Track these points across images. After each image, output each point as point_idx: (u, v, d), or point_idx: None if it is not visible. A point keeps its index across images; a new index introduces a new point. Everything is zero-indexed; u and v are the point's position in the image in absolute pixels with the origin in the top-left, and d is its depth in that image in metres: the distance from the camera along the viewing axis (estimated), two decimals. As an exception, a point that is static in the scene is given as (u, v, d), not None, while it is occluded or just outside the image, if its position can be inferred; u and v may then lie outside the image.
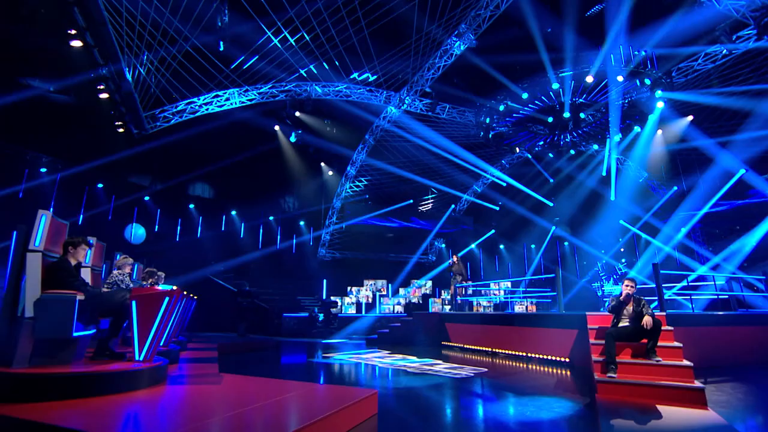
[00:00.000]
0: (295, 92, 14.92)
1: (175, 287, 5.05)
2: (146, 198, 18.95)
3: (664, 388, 5.54)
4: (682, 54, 12.58)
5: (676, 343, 6.39)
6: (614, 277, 22.00)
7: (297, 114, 15.59)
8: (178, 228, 20.21)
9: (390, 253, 25.63)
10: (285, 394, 4.38)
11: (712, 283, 12.54)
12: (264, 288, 20.26)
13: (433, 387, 6.47)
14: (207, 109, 14.35)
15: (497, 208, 24.89)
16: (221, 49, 12.01)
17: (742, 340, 8.72)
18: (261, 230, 23.29)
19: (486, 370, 7.93)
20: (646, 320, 6.10)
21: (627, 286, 6.54)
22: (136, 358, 4.58)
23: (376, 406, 4.53)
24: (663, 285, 13.88)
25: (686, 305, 12.74)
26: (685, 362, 5.96)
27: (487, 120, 14.04)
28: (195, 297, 10.37)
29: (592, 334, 7.15)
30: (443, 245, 27.18)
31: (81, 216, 16.07)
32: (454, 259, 13.90)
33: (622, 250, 23.53)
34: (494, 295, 21.28)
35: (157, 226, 19.23)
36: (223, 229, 21.81)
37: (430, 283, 23.01)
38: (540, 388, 6.52)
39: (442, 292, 23.22)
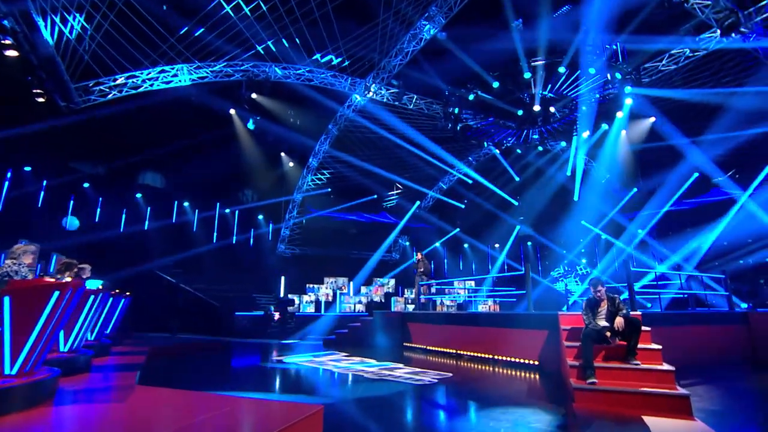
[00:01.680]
0: (253, 73, 13.74)
1: (101, 284, 3.94)
2: (86, 185, 17.15)
3: (646, 395, 4.99)
4: (651, 50, 12.48)
5: (654, 345, 5.90)
6: (576, 278, 22.13)
7: (254, 96, 14.39)
8: (123, 218, 18.47)
9: (353, 250, 24.76)
10: (202, 414, 3.44)
11: (673, 281, 12.52)
12: (218, 284, 18.89)
13: (392, 397, 5.68)
14: (152, 85, 12.90)
15: (462, 206, 24.51)
16: (164, 8, 10.60)
17: (704, 340, 8.50)
18: (216, 223, 21.81)
19: (450, 375, 7.23)
20: (618, 322, 5.62)
21: (597, 291, 6.05)
22: (5, 371, 3.50)
23: (321, 425, 3.68)
24: (622, 285, 13.81)
25: (645, 304, 12.66)
26: (666, 366, 5.46)
27: (456, 110, 13.45)
28: (128, 294, 9.12)
29: (565, 335, 6.58)
30: (407, 243, 26.58)
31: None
32: (419, 256, 13.22)
33: (582, 250, 23.72)
34: (458, 294, 20.93)
35: (97, 216, 17.45)
36: (173, 220, 20.20)
37: (393, 282, 22.34)
38: (511, 397, 5.87)
39: (405, 290, 22.61)
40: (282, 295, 19.77)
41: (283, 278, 20.61)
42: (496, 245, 26.01)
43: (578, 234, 21.18)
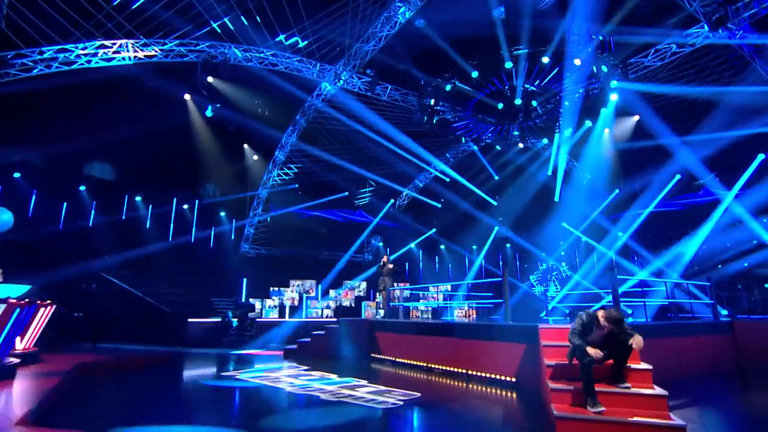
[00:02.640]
0: (209, 54, 12.78)
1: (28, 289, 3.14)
2: (16, 175, 15.75)
3: (638, 426, 4.48)
4: (637, 43, 12.25)
5: (644, 365, 5.42)
6: (555, 282, 21.94)
7: (210, 80, 13.40)
8: (63, 214, 17.12)
9: (323, 251, 23.94)
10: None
11: (656, 288, 12.33)
12: (171, 287, 17.77)
13: (347, 428, 5.00)
14: (90, 62, 11.74)
15: (439, 206, 24.03)
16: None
17: (690, 352, 8.19)
18: (172, 220, 20.62)
19: (418, 395, 6.61)
20: (638, 341, 4.88)
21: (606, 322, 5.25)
22: None
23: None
24: (604, 291, 13.54)
25: (626, 311, 12.36)
26: (658, 390, 4.97)
27: (431, 102, 12.87)
28: (49, 302, 8.11)
29: (547, 352, 6.04)
30: (381, 243, 25.94)
31: None
32: (385, 259, 12.59)
33: (562, 253, 23.59)
34: (433, 299, 20.41)
35: (31, 211, 16.06)
36: (123, 216, 18.92)
37: (364, 285, 21.62)
38: (485, 427, 5.27)
39: (377, 294, 21.94)
40: (243, 299, 18.79)
41: (245, 281, 19.62)
42: (474, 247, 25.67)
43: (558, 236, 21.00)
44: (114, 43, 11.68)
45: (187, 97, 15.49)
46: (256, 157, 20.43)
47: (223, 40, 12.86)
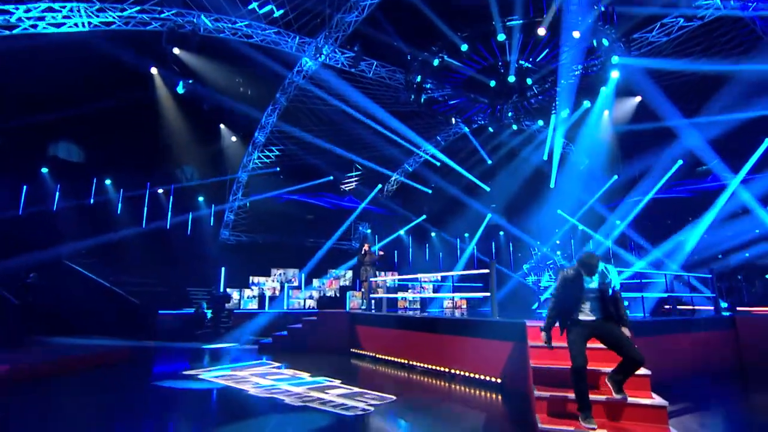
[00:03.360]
0: (175, 23, 11.95)
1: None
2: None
3: (635, 444, 4.03)
4: (641, 15, 11.62)
5: (641, 370, 4.94)
6: (549, 272, 21.54)
7: (177, 52, 12.60)
8: (23, 198, 16.33)
9: (310, 238, 23.39)
10: None
11: (655, 280, 11.91)
12: (143, 277, 17.17)
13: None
14: (36, 27, 10.77)
15: (429, 191, 23.47)
16: None
17: (690, 349, 7.80)
18: (146, 204, 19.89)
19: (394, 398, 6.14)
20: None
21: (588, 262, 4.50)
22: None
23: None
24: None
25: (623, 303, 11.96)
26: (658, 399, 4.51)
27: (418, 78, 12.20)
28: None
29: (535, 353, 5.57)
30: (369, 230, 25.41)
31: None
32: (366, 247, 12.07)
33: (557, 242, 23.18)
34: (423, 290, 19.97)
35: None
36: (91, 201, 18.17)
37: (350, 274, 21.10)
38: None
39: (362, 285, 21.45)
40: (222, 288, 18.22)
41: (223, 269, 19.02)
42: (466, 235, 25.23)
43: (554, 224, 20.57)
44: (63, 6, 10.78)
45: (153, 71, 14.65)
46: (234, 139, 19.68)
47: (190, 7, 12.03)
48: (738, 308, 13.27)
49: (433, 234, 25.77)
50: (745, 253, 16.64)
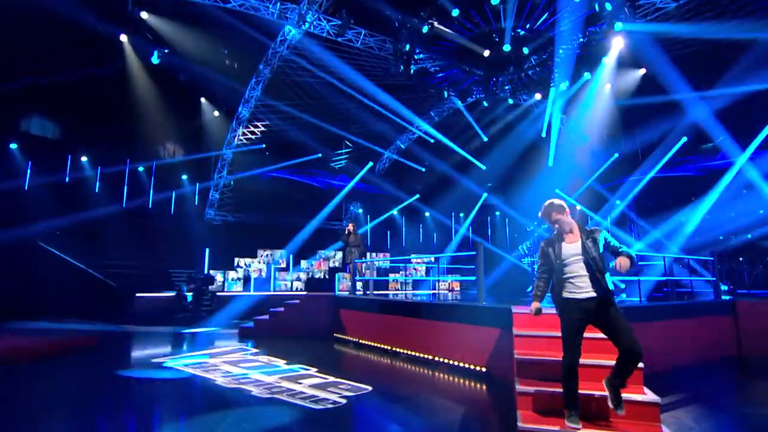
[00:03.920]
0: (143, -16, 11.29)
1: None
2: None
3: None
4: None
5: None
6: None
7: (145, 16, 11.90)
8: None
9: (300, 218, 22.97)
10: None
11: (653, 263, 11.59)
12: (123, 258, 16.78)
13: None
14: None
15: (423, 169, 22.98)
16: None
17: (688, 336, 7.53)
18: (126, 182, 19.39)
19: (369, 389, 5.84)
20: (622, 262, 3.71)
21: (558, 217, 4.07)
22: None
23: None
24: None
25: (620, 285, 11.70)
26: (650, 395, 4.20)
27: (407, 47, 11.59)
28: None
29: (520, 343, 5.24)
30: (360, 210, 25.02)
31: None
32: (350, 227, 11.69)
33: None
34: (415, 271, 19.71)
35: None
36: (67, 179, 17.65)
37: (340, 255, 20.77)
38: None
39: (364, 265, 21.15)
40: (206, 270, 17.89)
41: (207, 250, 18.66)
42: (461, 215, 24.87)
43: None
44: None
45: (123, 39, 13.94)
46: (216, 113, 19.04)
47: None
48: (738, 291, 13.06)
49: (427, 214, 25.39)
50: (748, 235, 16.35)
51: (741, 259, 16.53)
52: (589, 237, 3.94)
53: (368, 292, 11.52)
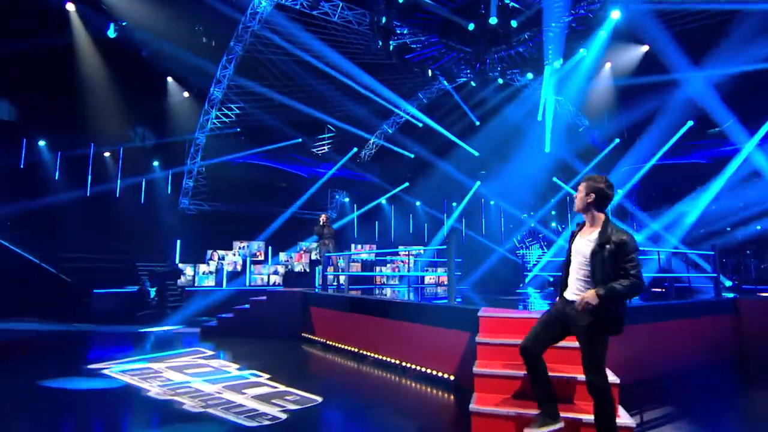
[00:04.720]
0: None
1: None
2: None
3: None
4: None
5: (611, 377, 4.14)
6: (543, 244, 20.84)
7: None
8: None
9: (281, 207, 22.42)
10: None
11: (651, 257, 11.17)
12: (85, 251, 16.17)
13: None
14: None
15: (412, 156, 22.40)
16: None
17: (687, 339, 7.09)
18: (90, 169, 18.74)
19: (319, 400, 5.37)
20: (585, 295, 3.25)
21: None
22: None
23: None
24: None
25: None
26: (624, 417, 3.73)
27: (383, 20, 10.94)
28: None
29: (484, 352, 4.76)
30: (346, 199, 24.48)
31: None
32: (323, 218, 11.19)
33: (553, 212, 22.45)
34: (403, 264, 19.22)
35: None
36: (22, 165, 17.00)
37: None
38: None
39: (339, 259, 20.67)
40: (177, 263, 17.36)
41: (178, 242, 18.10)
42: (453, 204, 24.39)
43: (547, 192, 19.71)
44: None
45: (70, 8, 13.18)
46: (186, 94, 18.35)
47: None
48: (744, 286, 12.66)
49: (417, 203, 24.88)
50: (757, 226, 15.92)
51: (748, 252, 16.12)
52: (606, 241, 3.31)
53: (342, 288, 11.04)
